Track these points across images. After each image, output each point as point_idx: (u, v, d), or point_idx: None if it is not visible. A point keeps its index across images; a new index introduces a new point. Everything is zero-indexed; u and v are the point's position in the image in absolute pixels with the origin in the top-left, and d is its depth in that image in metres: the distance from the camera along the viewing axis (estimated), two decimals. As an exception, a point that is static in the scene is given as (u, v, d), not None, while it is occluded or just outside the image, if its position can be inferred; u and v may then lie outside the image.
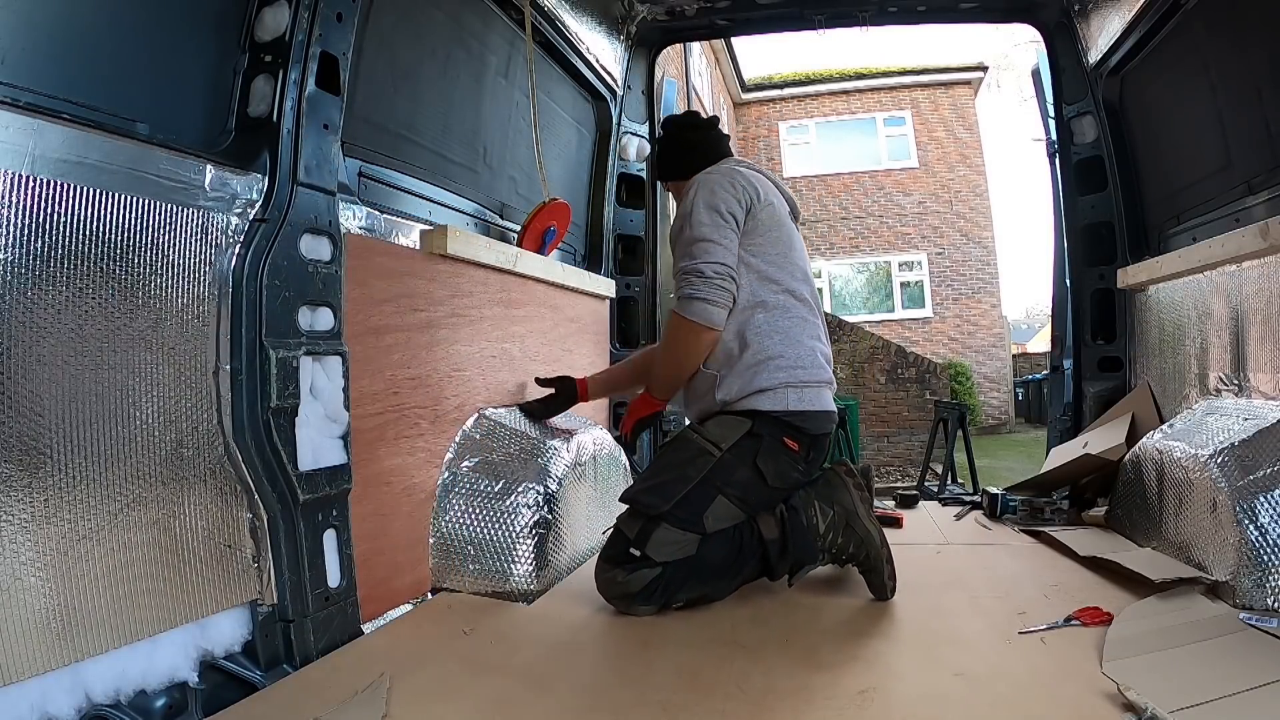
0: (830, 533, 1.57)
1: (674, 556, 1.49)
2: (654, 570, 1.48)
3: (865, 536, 1.56)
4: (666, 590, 1.50)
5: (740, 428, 1.57)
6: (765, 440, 1.57)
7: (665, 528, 1.50)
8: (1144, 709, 0.99)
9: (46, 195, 0.96)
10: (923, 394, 9.31)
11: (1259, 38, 1.84)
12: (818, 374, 1.64)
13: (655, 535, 1.49)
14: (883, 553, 1.56)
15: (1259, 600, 1.36)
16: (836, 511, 1.58)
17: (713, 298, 1.57)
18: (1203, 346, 2.05)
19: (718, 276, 1.57)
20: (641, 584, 1.48)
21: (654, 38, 2.96)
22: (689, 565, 1.51)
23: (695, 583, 1.52)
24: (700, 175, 1.72)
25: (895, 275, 13.29)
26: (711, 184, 1.65)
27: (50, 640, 0.95)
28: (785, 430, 1.59)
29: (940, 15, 2.82)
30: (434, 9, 1.86)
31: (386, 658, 1.29)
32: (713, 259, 1.57)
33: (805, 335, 1.66)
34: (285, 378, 1.25)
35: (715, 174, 1.70)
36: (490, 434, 1.79)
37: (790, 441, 1.59)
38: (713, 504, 1.52)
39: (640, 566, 1.49)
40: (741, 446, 1.56)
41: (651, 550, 1.49)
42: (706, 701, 1.13)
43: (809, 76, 13.79)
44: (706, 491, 1.53)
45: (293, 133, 1.30)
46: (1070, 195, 2.64)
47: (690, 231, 1.61)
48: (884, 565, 1.55)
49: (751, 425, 1.57)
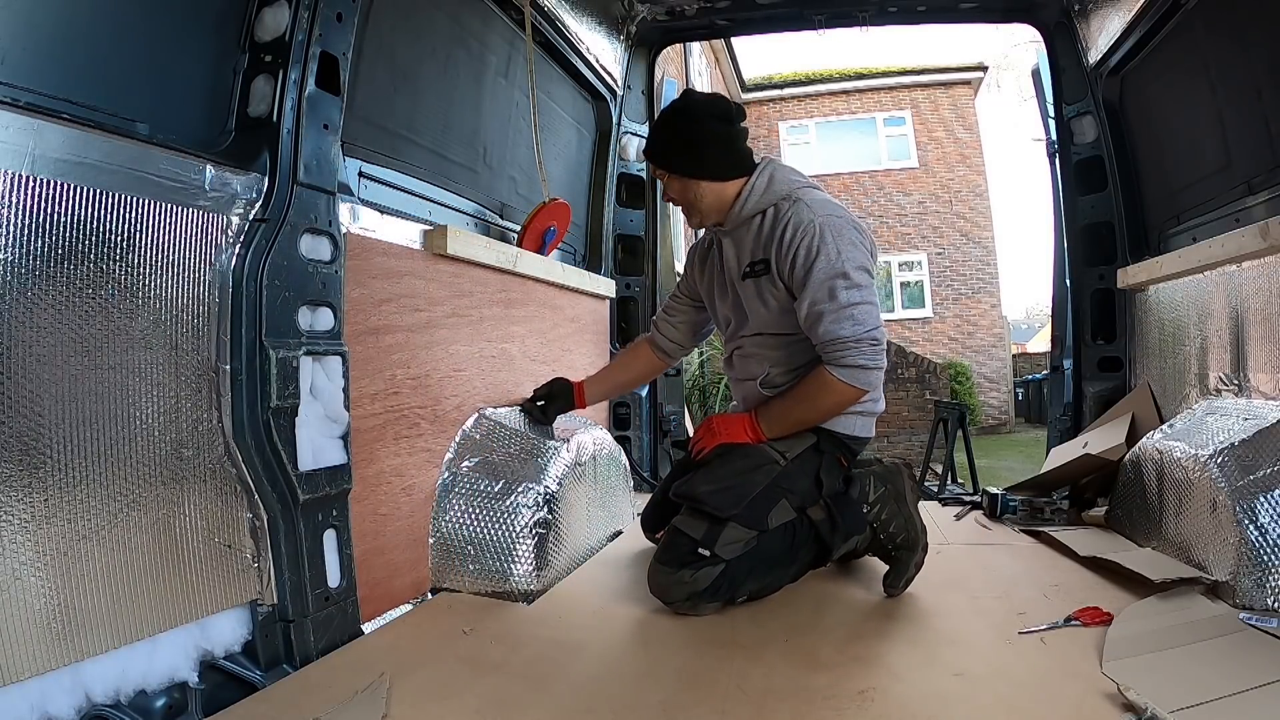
0: (879, 504, 1.66)
1: (738, 553, 1.55)
2: (718, 566, 1.53)
3: (909, 518, 1.65)
4: (732, 585, 1.54)
5: (805, 441, 1.64)
6: (826, 457, 1.65)
7: (732, 526, 1.55)
8: (1144, 709, 0.99)
9: (46, 195, 0.96)
10: (923, 394, 9.31)
11: (1259, 38, 1.84)
12: (880, 406, 1.74)
13: (724, 534, 1.54)
14: (921, 539, 1.63)
15: (1259, 600, 1.36)
16: (888, 489, 1.68)
17: (881, 364, 1.58)
18: (1203, 346, 2.05)
19: (882, 340, 1.58)
20: (708, 580, 1.52)
21: (654, 38, 2.96)
22: (750, 557, 1.56)
23: (758, 574, 1.57)
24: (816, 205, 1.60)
25: (895, 275, 13.28)
26: (849, 236, 1.57)
27: (50, 640, 0.95)
28: (841, 449, 1.68)
29: (940, 15, 2.82)
30: (434, 9, 1.86)
31: (386, 658, 1.29)
32: (878, 325, 1.57)
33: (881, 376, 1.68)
34: (285, 378, 1.25)
35: (836, 214, 1.60)
36: (490, 434, 1.79)
37: (843, 460, 1.69)
38: (775, 507, 1.59)
39: (706, 564, 1.52)
40: (804, 459, 1.63)
41: (720, 549, 1.54)
42: (706, 702, 1.13)
43: (809, 76, 13.78)
44: (772, 495, 1.59)
45: (293, 133, 1.30)
46: (1070, 195, 2.64)
47: (849, 294, 1.53)
48: (918, 551, 1.62)
49: (817, 441, 1.65)
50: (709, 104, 1.69)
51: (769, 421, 1.64)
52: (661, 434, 2.99)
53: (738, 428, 1.66)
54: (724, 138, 1.66)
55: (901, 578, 1.59)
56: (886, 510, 1.65)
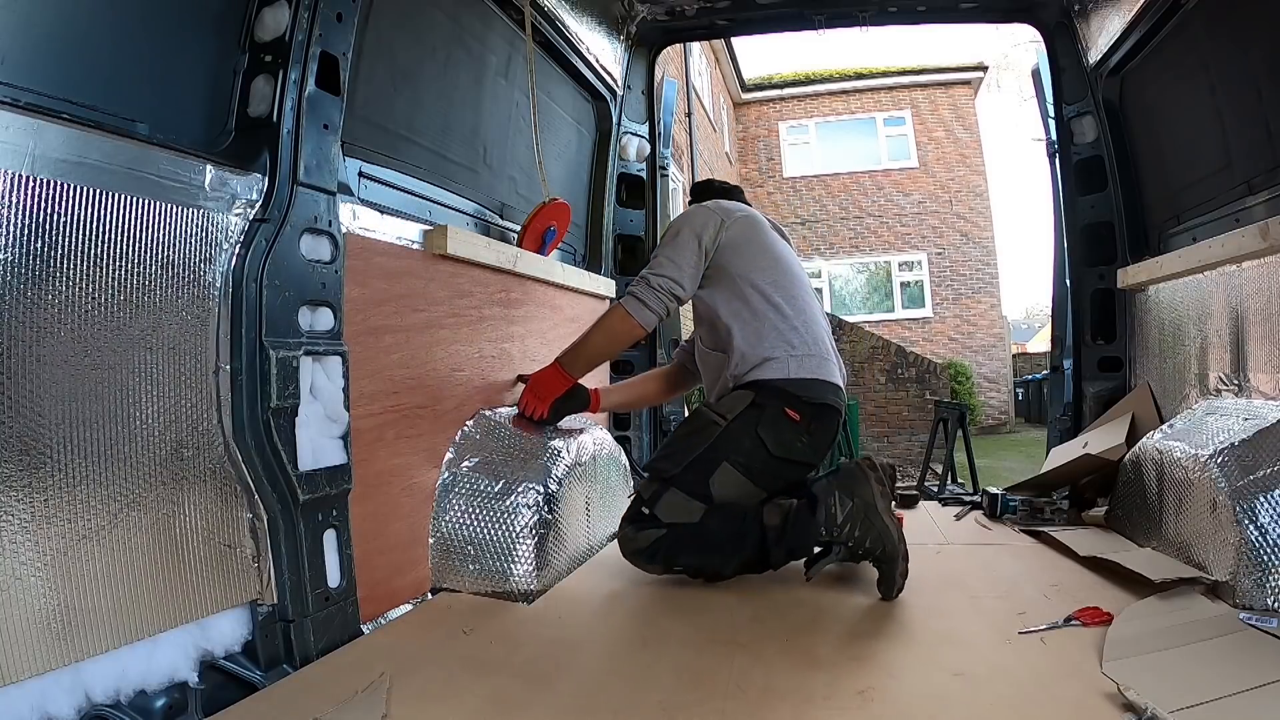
0: (848, 524, 1.58)
1: (678, 519, 1.62)
2: (659, 530, 1.62)
3: (883, 531, 1.57)
4: (670, 551, 1.63)
5: (744, 399, 1.70)
6: (767, 410, 1.67)
7: (674, 491, 1.64)
8: (1144, 709, 0.99)
9: (46, 195, 0.96)
10: (923, 394, 9.30)
11: (1259, 38, 1.84)
12: (817, 348, 1.78)
13: (664, 498, 1.64)
14: (899, 549, 1.57)
15: (1259, 600, 1.36)
16: (856, 504, 1.59)
17: (654, 307, 1.78)
18: (1203, 346, 2.05)
19: (661, 289, 1.78)
20: (647, 542, 1.63)
21: (654, 38, 2.96)
22: (690, 532, 1.62)
23: (694, 550, 1.64)
24: None
25: (895, 275, 13.30)
26: (690, 215, 1.87)
27: (50, 640, 0.95)
28: (786, 400, 1.69)
29: (940, 15, 2.82)
30: (434, 9, 1.85)
31: (386, 658, 1.29)
32: (668, 276, 1.79)
33: (805, 320, 1.80)
34: (285, 378, 1.25)
35: (705, 207, 1.89)
36: (490, 434, 1.79)
37: (791, 411, 1.68)
38: (717, 470, 1.64)
39: (648, 525, 1.63)
40: (745, 416, 1.67)
41: (659, 511, 1.64)
42: (707, 702, 1.13)
43: (809, 76, 13.80)
44: (712, 458, 1.65)
45: (293, 133, 1.30)
46: (1070, 195, 2.64)
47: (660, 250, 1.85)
48: (899, 562, 1.56)
49: (754, 396, 1.69)
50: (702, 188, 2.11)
51: (566, 360, 1.86)
52: (661, 434, 2.99)
53: (549, 379, 1.85)
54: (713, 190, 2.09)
55: (891, 587, 1.56)
56: (859, 528, 1.57)
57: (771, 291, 1.79)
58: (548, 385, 1.85)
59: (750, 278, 1.79)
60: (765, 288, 1.79)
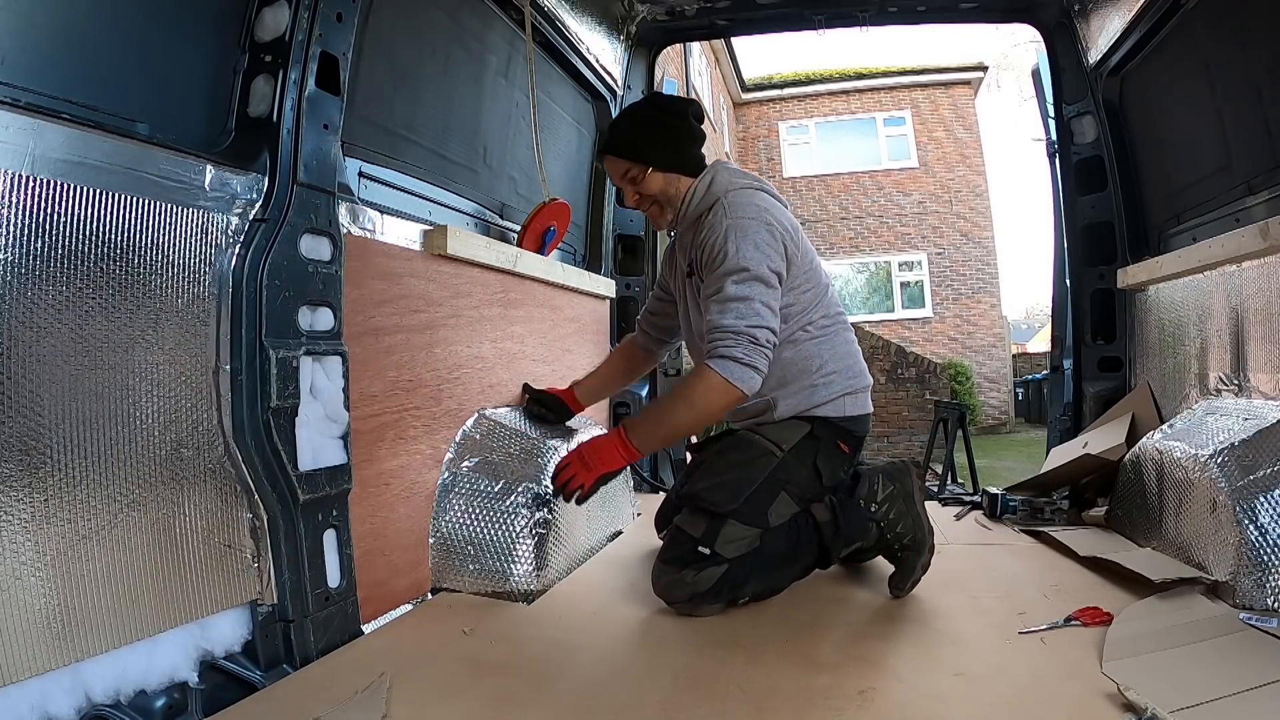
0: (887, 503, 1.60)
1: (740, 552, 1.52)
2: (721, 567, 1.49)
3: (917, 518, 1.60)
4: (734, 586, 1.51)
5: (800, 430, 1.62)
6: (824, 443, 1.62)
7: (732, 524, 1.52)
8: (1144, 709, 0.99)
9: (46, 195, 0.96)
10: (923, 394, 9.31)
11: (1259, 38, 1.84)
12: (865, 380, 1.71)
13: (724, 532, 1.51)
14: (928, 541, 1.59)
15: (1259, 600, 1.36)
16: (896, 488, 1.62)
17: (758, 365, 1.48)
18: (1203, 346, 2.05)
19: (768, 344, 1.49)
20: (710, 582, 1.48)
21: (654, 38, 2.96)
22: (753, 558, 1.53)
23: (759, 575, 1.54)
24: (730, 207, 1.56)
25: (895, 275, 13.30)
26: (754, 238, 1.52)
27: (50, 640, 0.95)
28: (839, 434, 1.65)
29: (940, 15, 2.81)
30: (434, 9, 1.85)
31: (386, 658, 1.29)
32: (763, 325, 1.49)
33: (850, 344, 1.71)
34: (285, 378, 1.25)
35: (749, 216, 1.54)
36: (490, 434, 1.79)
37: (843, 445, 1.66)
38: (775, 501, 1.56)
39: (708, 564, 1.49)
40: (802, 448, 1.61)
41: (722, 548, 1.50)
42: (707, 703, 1.13)
43: (809, 76, 13.80)
44: (771, 489, 1.57)
45: (293, 133, 1.30)
46: (1070, 195, 2.64)
47: (738, 289, 1.49)
48: (924, 553, 1.58)
49: (811, 428, 1.62)
50: (685, 102, 1.71)
51: (638, 433, 1.53)
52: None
53: (608, 450, 1.53)
54: (699, 135, 1.69)
55: (907, 579, 1.57)
56: (895, 509, 1.60)
57: (821, 321, 1.65)
58: (604, 457, 1.53)
59: (805, 317, 1.63)
60: (817, 320, 1.64)
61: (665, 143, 1.64)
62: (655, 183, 1.64)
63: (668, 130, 1.65)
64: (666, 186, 1.65)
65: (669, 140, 1.65)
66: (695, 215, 1.64)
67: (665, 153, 1.64)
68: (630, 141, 1.64)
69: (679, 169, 1.65)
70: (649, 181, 1.64)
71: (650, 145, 1.63)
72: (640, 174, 1.63)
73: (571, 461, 1.54)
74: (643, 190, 1.66)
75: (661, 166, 1.63)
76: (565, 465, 1.55)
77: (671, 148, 1.64)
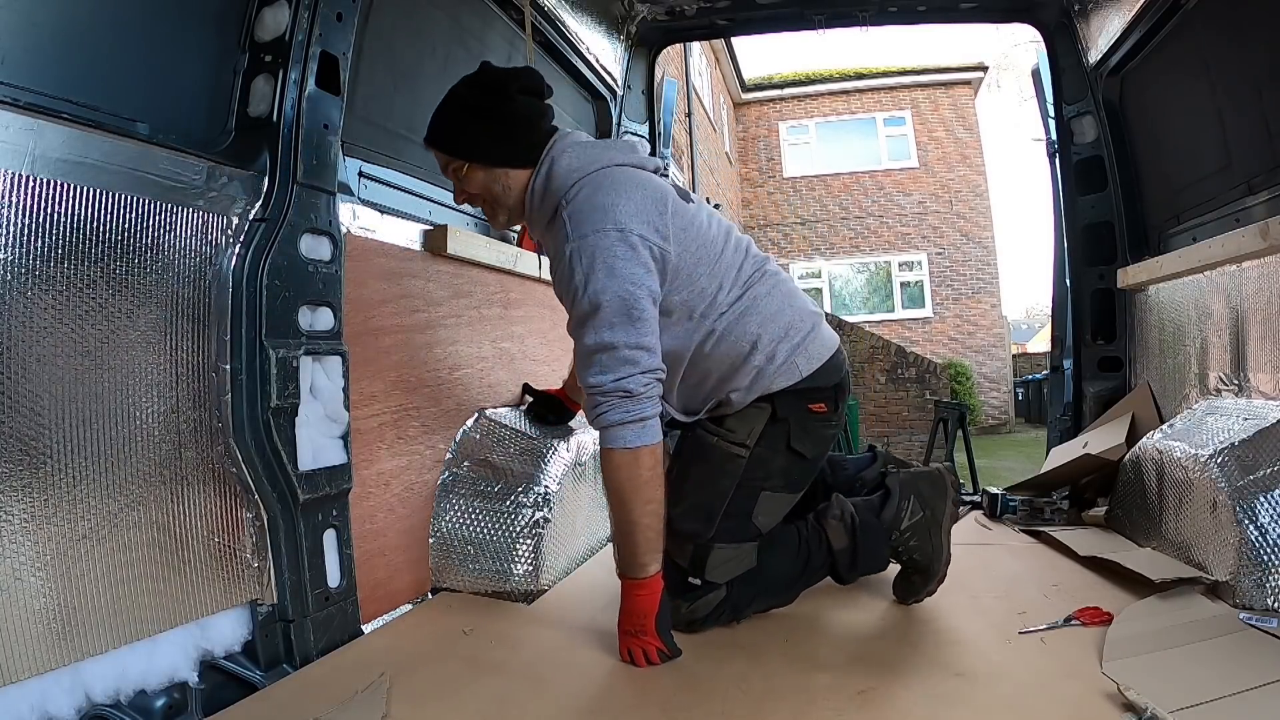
0: (910, 532, 1.50)
1: (736, 573, 1.40)
2: (719, 593, 1.39)
3: (937, 549, 1.51)
4: (735, 609, 1.42)
5: (760, 416, 1.42)
6: (793, 419, 1.43)
7: (718, 548, 1.39)
8: (1144, 709, 0.99)
9: (46, 195, 0.96)
10: (923, 394, 9.30)
11: (1259, 38, 1.84)
12: (808, 322, 1.45)
13: (710, 559, 1.38)
14: (941, 572, 1.51)
15: (1259, 600, 1.36)
16: (926, 516, 1.51)
17: (646, 409, 1.26)
18: (1203, 346, 2.05)
19: (649, 375, 1.26)
20: (709, 608, 1.39)
21: (654, 38, 2.96)
22: (753, 579, 1.41)
23: (762, 596, 1.45)
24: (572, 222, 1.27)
25: (895, 275, 13.29)
26: (602, 253, 1.24)
27: (50, 640, 0.95)
28: (807, 398, 1.44)
29: (940, 15, 2.81)
30: (434, 9, 1.85)
31: (386, 658, 1.29)
32: (634, 372, 1.25)
33: (778, 296, 1.44)
34: (285, 377, 1.25)
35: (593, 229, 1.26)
36: (490, 434, 1.79)
37: (816, 406, 1.46)
38: (757, 503, 1.41)
39: (703, 593, 1.38)
40: (770, 435, 1.42)
41: (712, 575, 1.38)
42: (706, 703, 1.13)
43: (809, 76, 13.79)
44: (747, 494, 1.41)
45: (293, 132, 1.30)
46: (1070, 195, 2.64)
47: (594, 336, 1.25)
48: (933, 582, 1.51)
49: (773, 409, 1.42)
50: (508, 75, 1.37)
51: (621, 564, 1.33)
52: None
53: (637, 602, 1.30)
54: (532, 114, 1.38)
55: (909, 595, 1.53)
56: (917, 537, 1.50)
57: (735, 293, 1.40)
58: (643, 611, 1.29)
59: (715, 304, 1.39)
60: (729, 299, 1.40)
61: (481, 131, 1.34)
62: (476, 180, 1.38)
63: (482, 115, 1.34)
64: (490, 184, 1.38)
65: (485, 128, 1.34)
66: (543, 220, 1.38)
67: (483, 143, 1.35)
68: (445, 131, 1.37)
69: (504, 162, 1.36)
70: (469, 179, 1.38)
71: (464, 135, 1.35)
72: (460, 168, 1.37)
73: (634, 652, 1.28)
74: (467, 188, 1.40)
75: (481, 161, 1.36)
76: (626, 651, 1.30)
77: (489, 137, 1.35)
